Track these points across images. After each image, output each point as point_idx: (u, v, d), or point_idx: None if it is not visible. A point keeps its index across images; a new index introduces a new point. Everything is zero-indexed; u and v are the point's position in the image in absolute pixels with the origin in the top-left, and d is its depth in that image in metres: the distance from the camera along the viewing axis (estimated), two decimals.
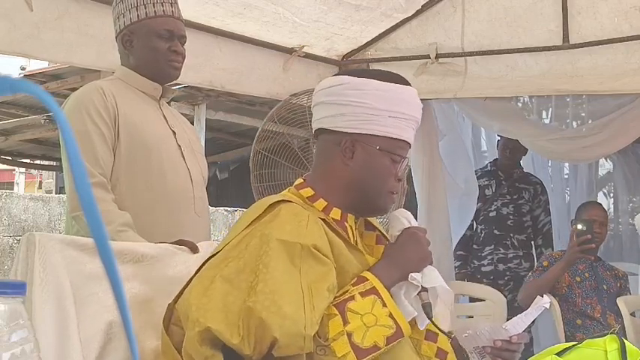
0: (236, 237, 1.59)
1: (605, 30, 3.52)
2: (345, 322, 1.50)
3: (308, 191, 1.71)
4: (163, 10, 2.30)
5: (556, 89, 3.91)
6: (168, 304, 1.59)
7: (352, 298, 1.54)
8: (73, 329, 1.52)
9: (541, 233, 4.74)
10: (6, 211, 5.30)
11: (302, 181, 1.75)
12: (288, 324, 1.43)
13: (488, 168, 4.86)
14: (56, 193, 10.56)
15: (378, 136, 1.68)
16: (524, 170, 4.88)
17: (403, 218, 1.72)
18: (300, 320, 1.44)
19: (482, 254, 4.69)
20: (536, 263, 4.35)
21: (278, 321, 1.42)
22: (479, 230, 4.75)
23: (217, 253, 1.59)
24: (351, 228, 1.72)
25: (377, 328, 1.52)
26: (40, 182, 16.54)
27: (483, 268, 4.68)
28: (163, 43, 2.30)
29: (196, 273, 1.59)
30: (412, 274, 1.61)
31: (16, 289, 0.72)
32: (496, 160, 4.87)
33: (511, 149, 4.71)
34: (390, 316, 1.54)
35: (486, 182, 4.76)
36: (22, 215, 5.38)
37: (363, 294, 1.55)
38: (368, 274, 1.60)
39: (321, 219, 1.63)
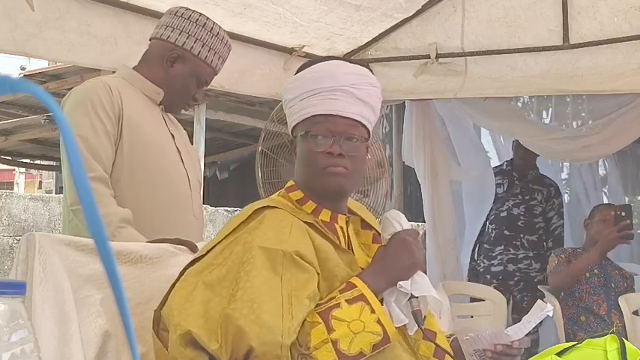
0: (220, 243, 1.59)
1: (605, 30, 3.52)
2: (330, 330, 1.48)
3: (298, 194, 1.71)
4: (215, 65, 2.36)
5: (556, 89, 3.91)
6: (155, 310, 1.59)
7: (338, 305, 1.52)
8: (75, 329, 1.52)
9: (552, 236, 4.73)
10: (6, 211, 5.30)
11: (293, 183, 1.75)
12: (264, 332, 1.42)
13: (504, 167, 4.85)
14: (56, 193, 10.57)
15: (297, 124, 1.70)
16: (539, 172, 4.87)
17: (394, 221, 1.67)
18: (277, 329, 1.43)
19: (493, 254, 4.69)
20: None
21: (255, 329, 1.42)
22: (489, 230, 4.75)
23: (201, 257, 1.59)
24: (342, 229, 1.71)
25: (364, 335, 1.50)
26: (40, 182, 16.56)
27: (493, 268, 4.68)
28: (194, 87, 2.36)
29: (180, 276, 1.59)
30: (401, 282, 1.58)
31: (16, 289, 0.71)
32: (512, 159, 4.86)
33: (524, 150, 4.69)
34: (379, 322, 1.52)
35: (499, 181, 4.76)
36: (22, 215, 5.39)
37: (350, 301, 1.53)
38: (357, 281, 1.57)
39: (309, 222, 1.62)
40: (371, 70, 1.78)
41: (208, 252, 1.59)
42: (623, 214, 3.75)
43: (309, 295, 1.51)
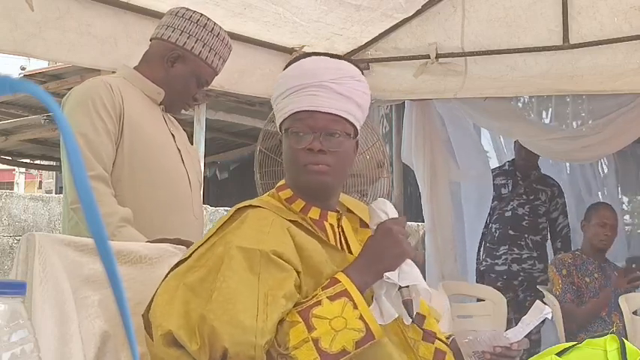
0: (203, 245, 1.58)
1: (605, 30, 3.52)
2: (310, 328, 1.46)
3: (287, 193, 1.69)
4: (216, 65, 2.36)
5: (556, 89, 3.92)
6: (142, 314, 1.58)
7: (319, 303, 1.50)
8: (75, 329, 1.52)
9: (560, 236, 4.74)
10: (6, 211, 5.30)
11: (283, 182, 1.73)
12: (238, 333, 1.41)
13: (506, 167, 4.86)
14: (56, 193, 10.56)
15: (282, 122, 1.69)
16: (542, 172, 4.87)
17: (380, 210, 1.62)
18: (250, 329, 1.42)
19: (497, 253, 4.70)
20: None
21: (228, 330, 1.41)
22: (493, 229, 4.75)
23: (186, 259, 1.59)
24: (332, 227, 1.69)
25: (346, 332, 1.47)
26: (40, 182, 16.55)
27: (497, 267, 4.69)
28: (195, 87, 2.36)
29: (165, 277, 1.59)
30: (387, 273, 1.53)
31: (16, 289, 0.71)
32: (514, 159, 4.87)
33: (527, 150, 4.70)
34: (361, 318, 1.49)
35: (503, 181, 4.77)
36: (22, 215, 5.38)
37: (332, 298, 1.50)
38: (341, 276, 1.54)
39: (293, 220, 1.61)
40: (359, 67, 1.74)
41: (192, 254, 1.59)
42: (634, 265, 3.89)
43: (285, 295, 1.49)
